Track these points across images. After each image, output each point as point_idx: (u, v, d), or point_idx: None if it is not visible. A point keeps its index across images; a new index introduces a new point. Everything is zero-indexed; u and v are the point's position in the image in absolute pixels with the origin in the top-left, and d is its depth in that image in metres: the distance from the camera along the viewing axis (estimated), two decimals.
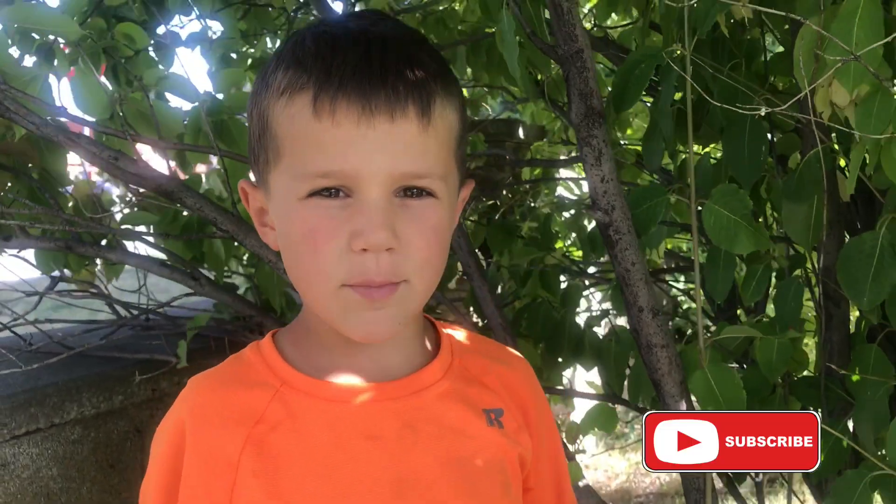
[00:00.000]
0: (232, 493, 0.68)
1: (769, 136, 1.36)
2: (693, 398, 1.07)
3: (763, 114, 0.95)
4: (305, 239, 0.66)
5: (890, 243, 1.02)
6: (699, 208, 1.03)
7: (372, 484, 0.69)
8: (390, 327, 0.69)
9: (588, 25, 1.79)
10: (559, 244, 1.89)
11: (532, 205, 2.20)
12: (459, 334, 0.82)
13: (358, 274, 0.65)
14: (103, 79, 1.14)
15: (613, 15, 1.71)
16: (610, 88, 1.15)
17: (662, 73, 1.07)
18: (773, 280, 1.38)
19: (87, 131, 1.18)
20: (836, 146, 1.18)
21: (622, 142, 1.94)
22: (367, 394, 0.71)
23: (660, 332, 1.04)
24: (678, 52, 1.02)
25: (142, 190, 1.43)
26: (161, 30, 1.37)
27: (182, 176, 1.20)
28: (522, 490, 0.81)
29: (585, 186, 2.53)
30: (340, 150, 0.64)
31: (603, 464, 3.33)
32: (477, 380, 0.77)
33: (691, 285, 2.15)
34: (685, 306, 2.11)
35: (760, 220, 1.48)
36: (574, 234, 1.97)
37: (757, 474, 1.41)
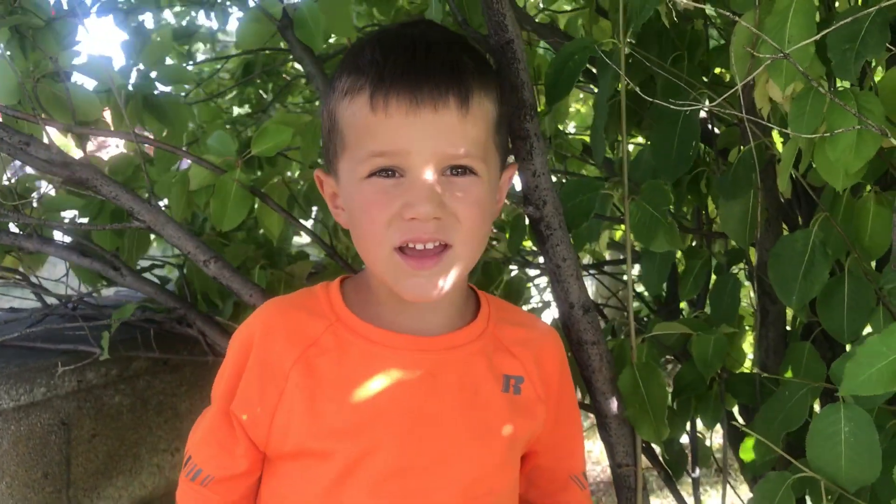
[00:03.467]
0: (280, 397, 0.82)
1: (712, 128, 1.36)
2: None
3: (705, 108, 0.93)
4: (364, 210, 0.79)
5: (822, 242, 1.02)
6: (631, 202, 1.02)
7: (393, 414, 0.82)
8: (437, 290, 0.80)
9: (534, 11, 1.76)
10: (507, 234, 1.87)
11: None
12: (500, 304, 0.93)
13: (407, 233, 0.77)
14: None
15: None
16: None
17: (599, 65, 1.05)
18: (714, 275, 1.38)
19: None
20: (776, 142, 1.17)
21: (569, 132, 1.92)
22: (403, 342, 0.84)
23: (590, 328, 1.03)
24: (613, 43, 1.00)
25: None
26: None
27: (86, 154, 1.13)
28: (531, 453, 0.93)
29: None
30: (392, 135, 0.77)
31: None
32: (506, 348, 0.89)
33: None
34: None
35: (703, 212, 1.48)
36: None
37: (693, 469, 1.41)
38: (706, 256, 1.31)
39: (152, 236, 1.36)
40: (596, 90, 1.58)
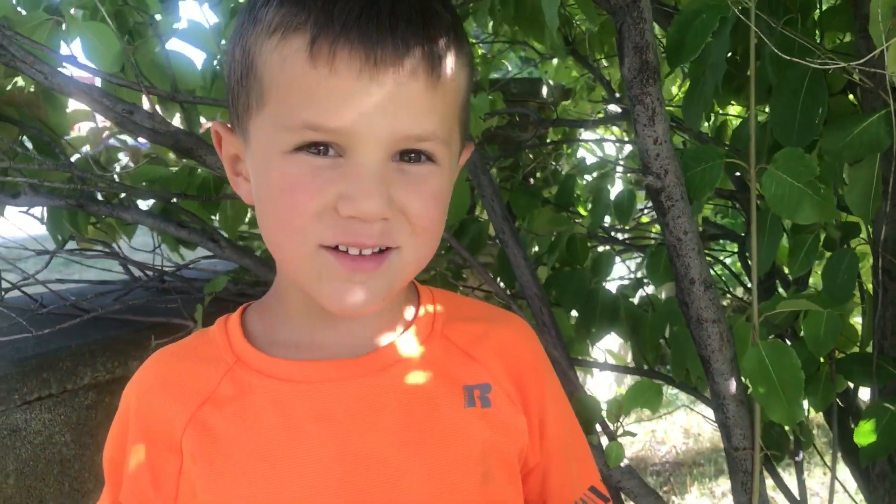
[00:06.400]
0: (179, 478, 0.64)
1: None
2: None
3: (839, 66, 0.87)
4: (283, 194, 0.59)
5: None
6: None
7: (321, 470, 0.63)
8: (372, 302, 0.61)
9: None
10: (581, 208, 1.82)
11: (556, 167, 2.12)
12: (447, 297, 0.75)
13: (343, 234, 0.59)
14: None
15: None
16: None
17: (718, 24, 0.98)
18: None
19: (97, 82, 1.10)
20: None
21: None
22: (324, 372, 0.65)
23: (711, 305, 0.98)
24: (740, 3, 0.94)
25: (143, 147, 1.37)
26: None
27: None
28: (529, 476, 0.74)
29: (608, 149, 2.46)
30: (336, 103, 0.56)
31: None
32: (462, 351, 0.70)
33: (724, 255, 2.08)
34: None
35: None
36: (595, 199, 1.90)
37: (797, 452, 1.36)
38: (817, 231, 1.25)
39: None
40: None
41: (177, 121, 1.27)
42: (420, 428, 0.65)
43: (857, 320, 1.37)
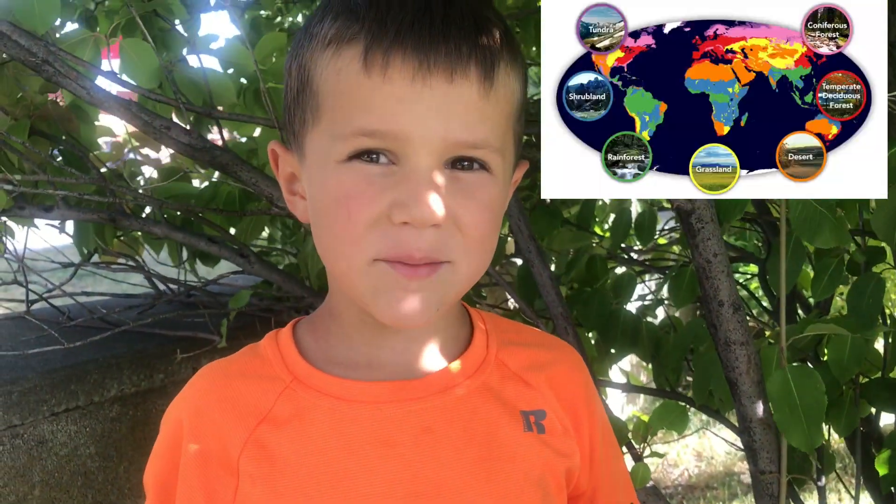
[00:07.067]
0: (235, 498, 0.63)
1: None
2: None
3: None
4: (338, 205, 0.59)
5: None
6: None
7: (385, 494, 0.62)
8: (425, 312, 0.61)
9: None
10: (598, 228, 1.83)
11: None
12: (499, 322, 0.74)
13: (394, 246, 0.58)
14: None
15: None
16: None
17: None
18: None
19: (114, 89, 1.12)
20: None
21: None
22: (385, 393, 0.65)
23: (740, 328, 0.98)
24: None
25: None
26: None
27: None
28: (572, 497, 0.74)
29: None
30: (390, 109, 0.57)
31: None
32: (516, 376, 0.70)
33: (738, 277, 2.08)
34: None
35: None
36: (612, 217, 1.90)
37: (819, 478, 1.35)
38: (841, 255, 1.25)
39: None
40: None
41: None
42: (481, 452, 0.65)
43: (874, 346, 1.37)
